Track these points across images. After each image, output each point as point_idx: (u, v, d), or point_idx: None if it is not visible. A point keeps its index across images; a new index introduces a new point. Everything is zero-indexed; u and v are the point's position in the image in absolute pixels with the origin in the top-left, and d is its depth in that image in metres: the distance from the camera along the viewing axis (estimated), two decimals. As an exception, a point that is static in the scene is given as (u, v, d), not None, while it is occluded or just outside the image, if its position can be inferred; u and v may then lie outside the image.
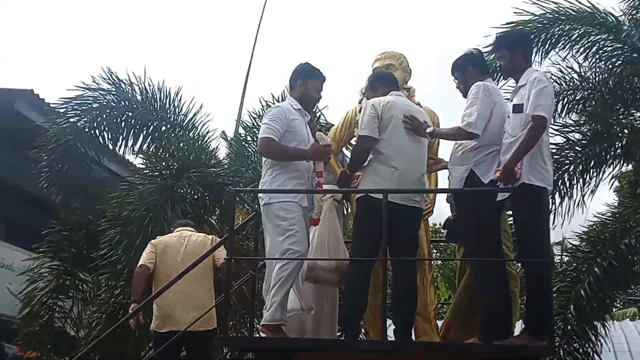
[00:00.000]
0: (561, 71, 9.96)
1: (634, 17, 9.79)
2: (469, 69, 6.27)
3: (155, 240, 7.57)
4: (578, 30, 9.76)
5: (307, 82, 6.38)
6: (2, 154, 14.26)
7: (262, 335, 6.09)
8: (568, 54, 9.90)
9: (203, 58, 55.27)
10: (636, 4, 9.85)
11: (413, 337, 6.46)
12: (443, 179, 6.93)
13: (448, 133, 6.24)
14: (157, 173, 10.42)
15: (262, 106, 11.15)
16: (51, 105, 11.60)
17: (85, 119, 11.24)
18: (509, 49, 6.11)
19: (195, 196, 10.20)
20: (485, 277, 5.83)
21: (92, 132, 11.26)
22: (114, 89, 11.42)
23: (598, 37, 9.73)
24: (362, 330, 6.53)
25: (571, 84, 10.03)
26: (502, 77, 8.25)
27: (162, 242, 7.51)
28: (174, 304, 7.07)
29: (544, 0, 9.88)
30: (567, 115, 10.17)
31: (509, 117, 5.95)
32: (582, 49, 9.85)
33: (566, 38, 9.81)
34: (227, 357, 8.10)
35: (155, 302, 7.09)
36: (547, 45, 9.90)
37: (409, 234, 6.06)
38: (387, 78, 6.61)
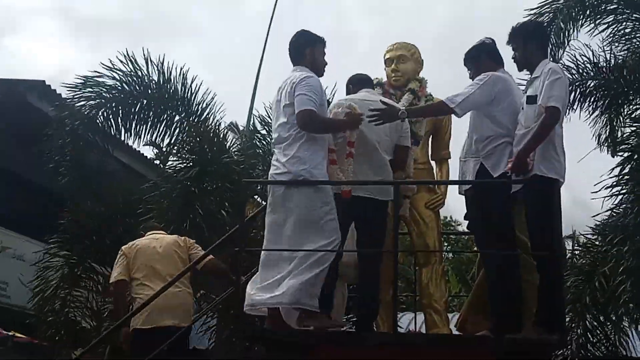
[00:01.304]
0: (575, 61, 9.83)
1: None
2: (483, 58, 6.22)
3: (125, 248, 7.23)
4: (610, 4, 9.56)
5: (314, 49, 6.18)
6: (13, 146, 14.29)
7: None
8: (601, 32, 9.67)
9: (213, 48, 55.22)
10: None
11: (424, 330, 6.43)
12: (454, 170, 6.89)
13: (425, 108, 6.31)
14: (182, 166, 10.33)
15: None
16: (63, 96, 11.55)
17: (97, 107, 11.13)
18: (524, 40, 6.06)
19: (216, 190, 10.09)
20: (496, 271, 5.79)
21: (104, 120, 11.17)
22: (128, 73, 11.24)
23: (633, 16, 9.52)
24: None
25: (584, 73, 9.91)
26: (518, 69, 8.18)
27: (133, 247, 7.22)
28: (157, 302, 6.95)
29: None
30: (579, 106, 10.07)
31: (522, 108, 5.90)
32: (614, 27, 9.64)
33: (599, 15, 9.58)
34: (237, 349, 8.10)
35: (138, 301, 6.90)
36: (581, 20, 9.72)
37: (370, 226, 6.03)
38: (354, 79, 6.60)
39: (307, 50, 6.16)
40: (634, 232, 8.11)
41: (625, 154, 8.86)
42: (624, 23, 9.55)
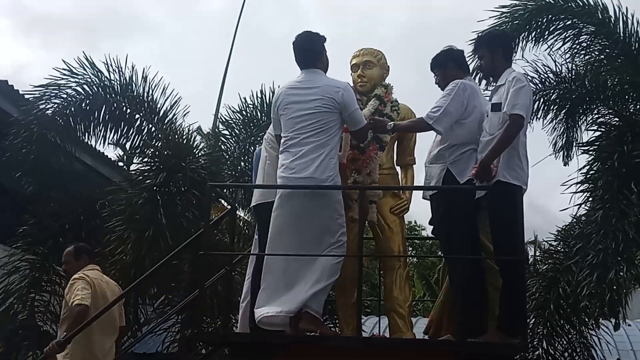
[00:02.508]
0: (537, 70, 9.95)
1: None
2: (449, 65, 6.29)
3: (88, 277, 6.86)
4: (567, 20, 9.63)
5: (325, 51, 6.25)
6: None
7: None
8: (554, 44, 9.80)
9: (169, 47, 54.65)
10: None
11: (387, 334, 6.47)
12: (419, 176, 6.95)
13: (409, 125, 6.43)
14: (148, 171, 10.24)
15: (242, 102, 11.12)
16: (25, 96, 11.40)
17: (60, 109, 10.98)
18: (490, 48, 6.16)
19: (183, 195, 9.97)
20: (461, 275, 5.85)
21: (67, 122, 11.01)
22: (90, 76, 11.13)
23: (585, 29, 9.64)
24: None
25: (547, 83, 10.03)
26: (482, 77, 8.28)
27: (92, 279, 6.88)
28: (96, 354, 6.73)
29: None
30: (543, 114, 10.18)
31: (487, 115, 5.98)
32: (568, 39, 9.75)
33: (555, 27, 9.68)
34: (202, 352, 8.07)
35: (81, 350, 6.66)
36: (537, 32, 9.76)
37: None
38: None
39: (325, 53, 6.20)
40: (598, 236, 8.21)
41: (589, 158, 8.99)
42: (582, 37, 9.68)
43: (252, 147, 10.58)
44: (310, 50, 6.14)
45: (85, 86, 11.11)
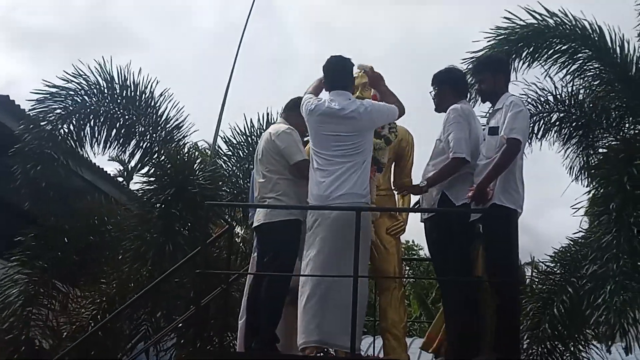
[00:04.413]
0: (537, 92, 10.00)
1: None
2: (444, 88, 6.35)
3: None
4: (563, 44, 9.72)
5: None
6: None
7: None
8: (550, 67, 9.85)
9: (159, 62, 54.44)
10: None
11: (382, 354, 6.48)
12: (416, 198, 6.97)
13: (441, 173, 6.06)
14: (151, 188, 10.26)
15: (245, 121, 11.19)
16: (27, 112, 11.40)
17: (61, 122, 10.91)
18: (492, 72, 6.22)
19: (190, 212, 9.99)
20: (456, 296, 5.88)
21: (67, 136, 10.99)
22: (88, 87, 11.03)
23: (581, 54, 9.71)
24: None
25: (547, 105, 10.08)
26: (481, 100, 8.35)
27: None
28: None
29: (533, 11, 9.69)
30: (543, 137, 10.23)
31: (484, 139, 6.03)
32: (565, 63, 9.81)
33: (550, 50, 9.75)
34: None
35: None
36: (532, 55, 9.81)
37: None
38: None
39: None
40: (602, 261, 8.22)
41: (594, 183, 9.00)
42: (578, 61, 9.73)
43: (251, 166, 10.60)
44: (345, 75, 6.41)
45: (83, 96, 11.01)
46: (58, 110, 10.88)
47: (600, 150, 9.64)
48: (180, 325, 8.54)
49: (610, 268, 7.84)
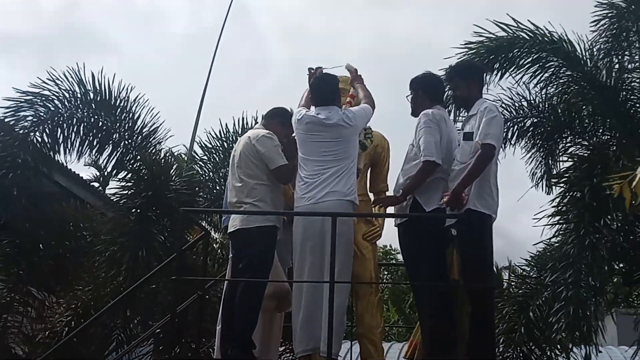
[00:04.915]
0: (511, 98, 10.08)
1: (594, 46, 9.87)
2: (419, 93, 6.39)
3: None
4: (533, 55, 9.81)
5: None
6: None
7: None
8: (522, 77, 9.94)
9: (131, 67, 54.03)
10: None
11: None
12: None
13: (416, 180, 6.04)
14: (126, 193, 10.23)
15: (221, 126, 11.15)
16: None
17: (34, 127, 10.61)
18: (466, 79, 6.28)
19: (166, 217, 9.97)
20: (428, 304, 5.92)
21: (39, 142, 10.68)
22: (62, 92, 10.76)
23: (552, 62, 9.80)
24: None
25: (521, 111, 10.16)
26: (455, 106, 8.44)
27: None
28: None
29: (503, 23, 9.81)
30: (517, 143, 10.31)
31: (459, 144, 6.06)
32: (536, 72, 9.90)
33: (522, 61, 9.84)
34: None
35: None
36: (503, 67, 9.89)
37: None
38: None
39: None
40: (573, 262, 8.30)
41: (563, 187, 9.09)
42: (549, 70, 9.82)
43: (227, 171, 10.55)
44: (333, 90, 6.62)
45: (56, 102, 10.73)
46: (30, 117, 10.60)
47: (563, 159, 9.78)
48: (157, 331, 8.50)
49: (568, 277, 7.98)
